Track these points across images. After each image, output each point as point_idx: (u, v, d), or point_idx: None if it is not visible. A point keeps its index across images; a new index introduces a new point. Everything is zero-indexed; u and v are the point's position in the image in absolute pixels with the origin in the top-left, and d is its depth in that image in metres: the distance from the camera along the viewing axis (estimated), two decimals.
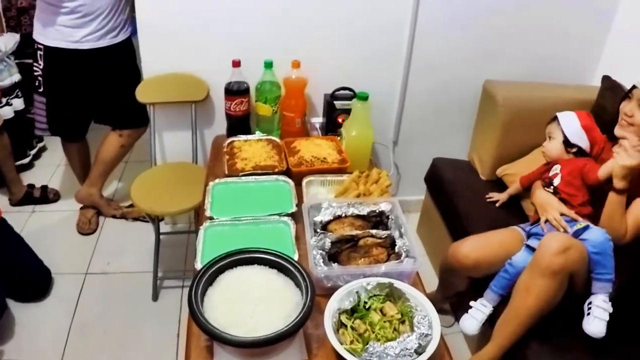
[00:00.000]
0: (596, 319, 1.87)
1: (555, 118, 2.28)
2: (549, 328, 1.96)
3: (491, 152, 2.79)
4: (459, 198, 2.68)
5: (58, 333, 2.55)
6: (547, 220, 2.12)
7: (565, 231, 2.03)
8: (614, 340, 1.91)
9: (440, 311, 1.55)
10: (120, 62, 2.87)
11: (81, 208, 3.30)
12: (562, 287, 1.91)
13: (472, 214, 2.56)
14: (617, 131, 2.10)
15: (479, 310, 2.15)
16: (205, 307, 1.47)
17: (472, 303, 2.19)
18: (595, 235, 1.92)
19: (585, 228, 1.96)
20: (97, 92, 2.89)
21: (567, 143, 2.22)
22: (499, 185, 2.75)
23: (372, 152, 2.58)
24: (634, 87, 2.05)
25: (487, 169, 2.84)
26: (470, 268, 2.21)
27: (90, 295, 2.79)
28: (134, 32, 2.79)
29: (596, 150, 2.21)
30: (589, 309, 1.91)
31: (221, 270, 1.57)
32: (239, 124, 2.65)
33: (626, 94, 2.10)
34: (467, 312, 2.19)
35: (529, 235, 2.19)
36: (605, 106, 2.58)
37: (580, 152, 2.22)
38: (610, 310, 1.88)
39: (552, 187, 2.20)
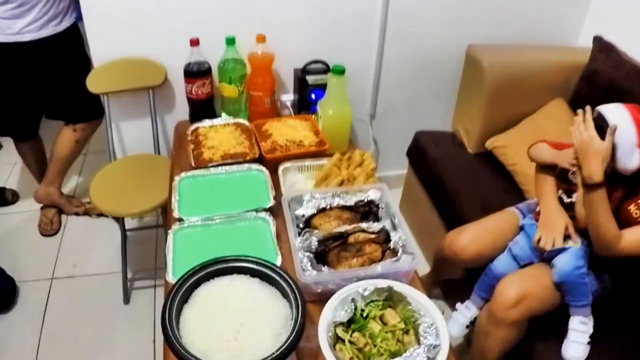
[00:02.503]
0: (573, 343, 1.86)
1: (603, 119, 1.69)
2: (546, 329, 1.95)
3: (478, 122, 2.70)
4: (446, 175, 2.61)
5: (27, 345, 2.47)
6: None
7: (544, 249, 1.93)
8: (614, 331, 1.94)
9: (430, 296, 1.45)
10: (66, 51, 2.72)
11: (42, 208, 3.18)
12: (522, 329, 1.91)
13: (462, 192, 2.51)
14: None
15: (462, 314, 2.18)
16: (181, 329, 1.30)
17: (458, 306, 2.22)
18: (563, 263, 1.84)
19: (564, 250, 1.86)
20: (45, 85, 2.74)
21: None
22: (489, 158, 2.66)
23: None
24: None
25: (474, 141, 2.75)
26: (468, 260, 2.18)
27: (58, 302, 2.69)
28: (80, 17, 2.62)
29: None
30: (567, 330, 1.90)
31: (197, 284, 1.41)
32: (203, 108, 2.52)
33: None
34: (451, 317, 2.22)
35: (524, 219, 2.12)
36: (599, 70, 2.48)
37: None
38: (590, 331, 1.87)
39: (570, 200, 1.93)
